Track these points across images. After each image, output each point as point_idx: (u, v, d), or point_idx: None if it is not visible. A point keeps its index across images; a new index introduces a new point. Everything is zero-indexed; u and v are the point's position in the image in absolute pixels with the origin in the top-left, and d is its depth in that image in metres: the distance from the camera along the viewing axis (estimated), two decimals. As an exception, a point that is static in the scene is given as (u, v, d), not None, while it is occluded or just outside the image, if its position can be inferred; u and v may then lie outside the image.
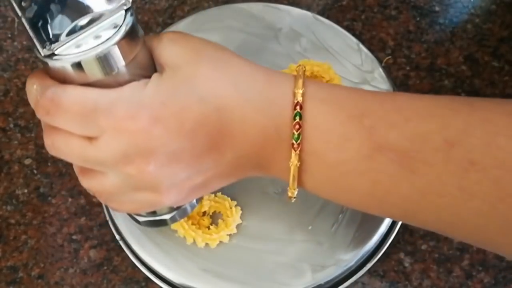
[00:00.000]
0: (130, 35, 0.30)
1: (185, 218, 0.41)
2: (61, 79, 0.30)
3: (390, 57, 0.50)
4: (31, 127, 0.49)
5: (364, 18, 0.51)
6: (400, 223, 0.41)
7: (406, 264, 0.43)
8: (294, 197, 0.33)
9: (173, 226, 0.41)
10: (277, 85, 0.32)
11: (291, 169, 0.32)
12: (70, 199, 0.46)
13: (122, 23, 0.29)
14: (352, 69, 0.45)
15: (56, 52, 0.29)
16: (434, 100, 0.31)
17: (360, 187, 0.31)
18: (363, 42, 0.47)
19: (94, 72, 0.29)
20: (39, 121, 0.49)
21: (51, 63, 0.29)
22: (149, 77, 0.31)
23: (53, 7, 0.29)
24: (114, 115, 0.29)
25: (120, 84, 0.30)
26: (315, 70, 0.43)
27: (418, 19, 0.51)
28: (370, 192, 0.31)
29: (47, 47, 0.29)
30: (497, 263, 0.43)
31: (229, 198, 0.41)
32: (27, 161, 0.48)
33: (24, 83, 0.50)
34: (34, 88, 0.30)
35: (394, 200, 0.31)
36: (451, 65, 0.49)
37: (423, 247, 0.44)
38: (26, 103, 0.49)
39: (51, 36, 0.29)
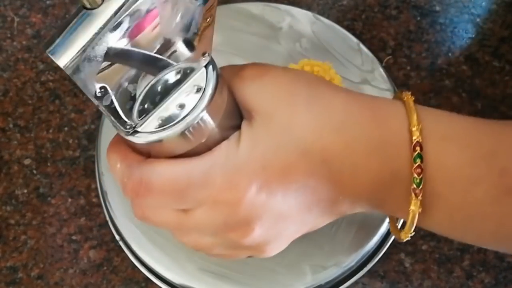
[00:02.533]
0: (216, 95, 0.26)
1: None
2: (146, 152, 0.27)
3: (390, 57, 0.50)
4: (31, 127, 0.49)
5: (364, 18, 0.51)
6: (400, 222, 0.41)
7: (407, 265, 0.43)
8: (408, 239, 0.31)
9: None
10: (387, 121, 0.29)
11: (410, 215, 0.28)
12: (69, 199, 0.46)
13: (206, 85, 0.26)
14: (352, 69, 0.45)
15: (139, 130, 0.26)
16: None
17: (482, 229, 0.29)
18: (363, 42, 0.47)
19: (182, 145, 0.27)
20: (39, 121, 0.49)
21: (134, 140, 0.26)
22: (237, 125, 0.28)
23: (130, 86, 0.26)
24: (211, 187, 0.26)
25: (209, 146, 0.27)
26: (315, 70, 0.43)
27: (418, 18, 0.51)
28: (493, 233, 0.29)
29: (128, 126, 0.26)
30: (498, 263, 0.43)
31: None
32: (27, 161, 0.48)
33: (23, 83, 0.50)
34: (118, 167, 0.28)
35: None
36: (452, 65, 0.49)
37: (424, 247, 0.44)
38: (25, 103, 0.49)
39: (131, 114, 0.26)
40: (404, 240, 0.31)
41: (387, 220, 0.40)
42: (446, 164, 0.28)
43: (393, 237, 0.41)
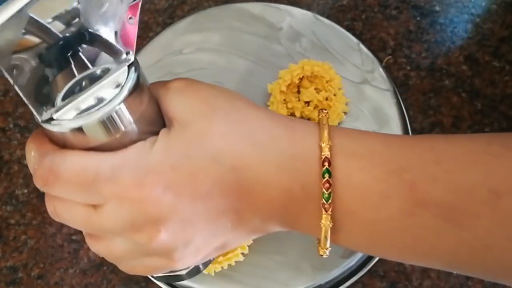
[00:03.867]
0: (135, 94, 0.27)
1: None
2: (61, 143, 0.27)
3: (390, 57, 0.50)
4: (31, 127, 0.49)
5: (364, 18, 0.51)
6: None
7: (407, 265, 0.43)
8: (327, 255, 0.31)
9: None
10: (299, 138, 0.29)
11: (323, 230, 0.29)
12: (70, 199, 0.46)
13: (125, 82, 0.27)
14: (352, 69, 0.45)
15: (54, 117, 0.26)
16: (472, 144, 0.29)
17: (401, 243, 0.29)
18: (363, 42, 0.47)
19: (96, 136, 0.27)
20: (39, 121, 0.49)
21: (49, 128, 0.27)
22: (157, 132, 0.28)
23: (47, 70, 0.26)
24: (118, 184, 0.27)
25: (125, 144, 0.27)
26: (315, 70, 0.43)
27: (418, 18, 0.51)
28: (412, 247, 0.29)
29: (43, 113, 0.26)
30: (498, 263, 0.43)
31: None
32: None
33: (23, 83, 0.50)
34: (32, 155, 0.28)
35: (438, 254, 0.29)
36: (452, 65, 0.49)
37: (424, 247, 0.44)
38: (25, 103, 0.49)
39: (47, 100, 0.26)
40: (324, 256, 0.31)
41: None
42: (356, 180, 0.28)
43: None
